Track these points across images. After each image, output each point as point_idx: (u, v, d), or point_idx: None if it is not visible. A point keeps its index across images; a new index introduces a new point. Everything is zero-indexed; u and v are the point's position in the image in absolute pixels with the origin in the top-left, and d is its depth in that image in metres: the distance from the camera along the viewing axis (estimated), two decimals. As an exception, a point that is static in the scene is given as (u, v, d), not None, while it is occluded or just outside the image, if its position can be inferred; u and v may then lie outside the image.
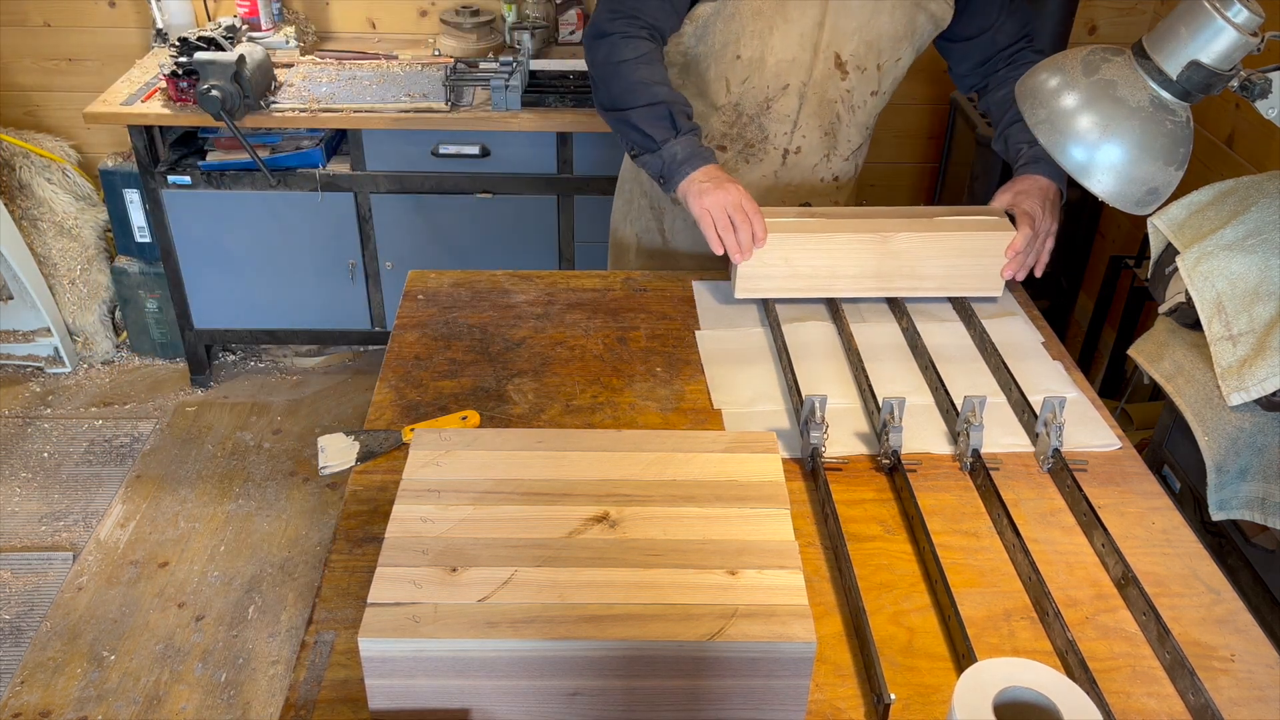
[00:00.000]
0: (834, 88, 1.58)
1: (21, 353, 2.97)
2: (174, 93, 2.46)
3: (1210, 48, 0.99)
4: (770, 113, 1.61)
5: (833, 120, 1.63)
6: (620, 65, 1.46)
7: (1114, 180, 1.06)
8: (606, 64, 1.47)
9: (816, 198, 1.72)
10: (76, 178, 2.98)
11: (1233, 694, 0.92)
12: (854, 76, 1.57)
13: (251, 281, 2.78)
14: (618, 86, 1.47)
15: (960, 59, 1.65)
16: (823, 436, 1.17)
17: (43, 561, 2.34)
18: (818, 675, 0.93)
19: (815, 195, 1.72)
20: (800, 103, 1.59)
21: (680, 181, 1.43)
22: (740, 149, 1.66)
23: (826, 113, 1.61)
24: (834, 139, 1.65)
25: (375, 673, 0.84)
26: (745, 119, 1.62)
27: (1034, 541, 1.08)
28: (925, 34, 1.58)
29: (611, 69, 1.47)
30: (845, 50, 1.53)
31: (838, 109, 1.61)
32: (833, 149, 1.67)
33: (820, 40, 1.52)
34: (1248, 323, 1.14)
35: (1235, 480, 1.19)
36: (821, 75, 1.56)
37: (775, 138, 1.64)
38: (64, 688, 2.04)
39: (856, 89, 1.59)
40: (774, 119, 1.61)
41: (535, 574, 0.88)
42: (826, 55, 1.54)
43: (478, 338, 1.42)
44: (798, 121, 1.61)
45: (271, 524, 2.47)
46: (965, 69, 1.66)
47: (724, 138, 1.65)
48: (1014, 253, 1.43)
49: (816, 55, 1.54)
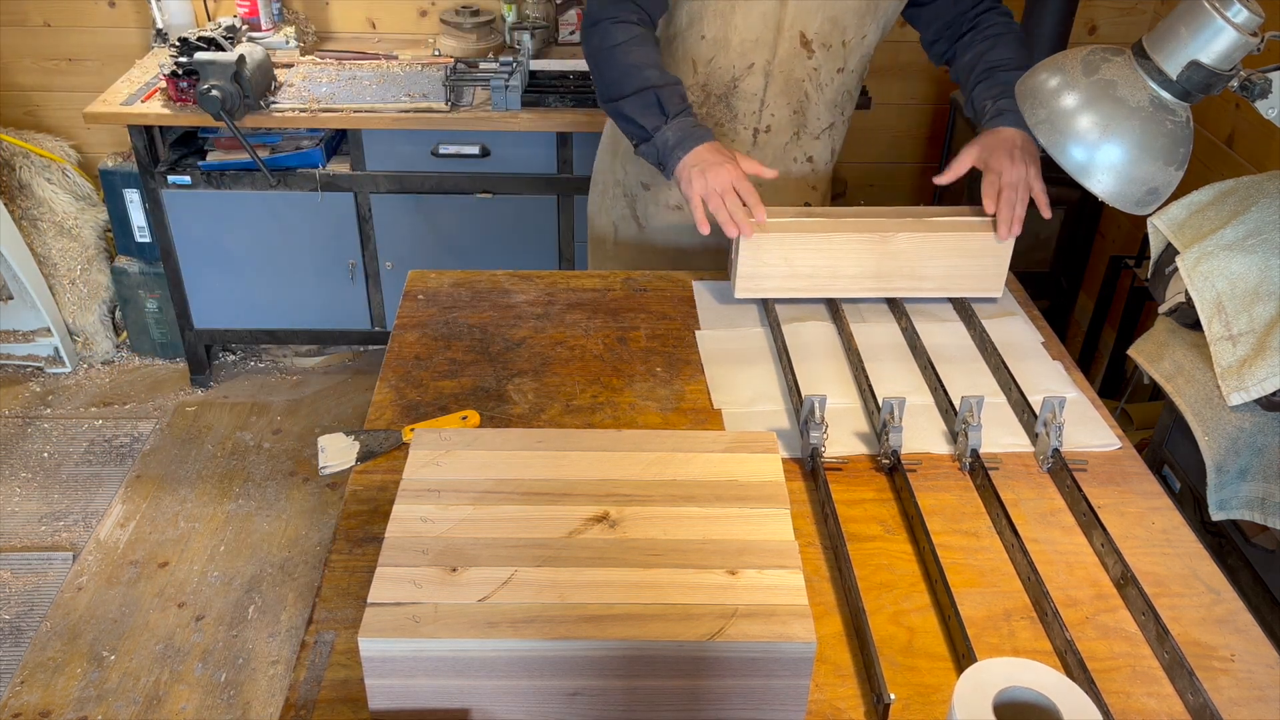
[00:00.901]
0: (800, 66, 1.59)
1: (21, 353, 2.97)
2: (174, 93, 2.46)
3: (1210, 48, 0.99)
4: (738, 92, 1.61)
5: (801, 99, 1.63)
6: (612, 50, 1.47)
7: (1114, 180, 1.06)
8: (600, 50, 1.49)
9: (791, 180, 1.73)
10: (76, 178, 2.98)
11: (1233, 694, 0.92)
12: (820, 54, 1.57)
13: (251, 281, 2.78)
14: (610, 73, 1.47)
15: (927, 24, 1.64)
16: (822, 436, 1.17)
17: (43, 561, 2.34)
18: (818, 675, 0.93)
19: (790, 177, 1.72)
20: (766, 81, 1.60)
21: (674, 167, 1.43)
22: (714, 124, 1.67)
23: (794, 91, 1.62)
24: (803, 117, 1.66)
25: (375, 673, 0.84)
26: (714, 99, 1.63)
27: (1034, 541, 1.08)
28: (890, 8, 1.58)
29: (604, 55, 1.48)
30: (810, 28, 1.54)
31: (805, 87, 1.61)
32: (802, 127, 1.67)
33: (784, 18, 1.53)
34: (1248, 323, 1.14)
35: (1235, 480, 1.19)
36: (787, 54, 1.57)
37: (744, 117, 1.65)
38: (64, 688, 2.04)
39: (823, 66, 1.59)
40: (741, 98, 1.62)
41: (535, 574, 0.88)
42: (791, 34, 1.54)
43: (478, 338, 1.42)
44: (764, 100, 1.62)
45: (271, 524, 2.47)
46: (932, 34, 1.65)
47: (705, 114, 1.66)
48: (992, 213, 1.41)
49: (780, 34, 1.54)
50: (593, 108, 2.50)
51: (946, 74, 2.98)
